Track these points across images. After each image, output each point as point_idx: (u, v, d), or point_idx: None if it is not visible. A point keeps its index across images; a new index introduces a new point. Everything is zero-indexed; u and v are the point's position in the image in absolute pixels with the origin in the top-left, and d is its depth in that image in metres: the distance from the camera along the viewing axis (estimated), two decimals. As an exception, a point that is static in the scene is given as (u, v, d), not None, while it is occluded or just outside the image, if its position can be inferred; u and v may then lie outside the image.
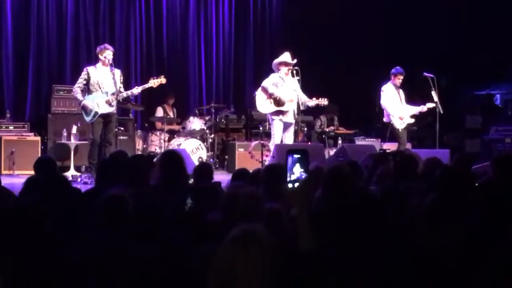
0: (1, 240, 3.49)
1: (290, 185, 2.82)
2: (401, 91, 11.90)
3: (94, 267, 3.37)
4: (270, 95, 10.93)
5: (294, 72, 11.06)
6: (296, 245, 2.72)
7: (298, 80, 11.03)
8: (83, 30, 14.01)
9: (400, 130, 11.67)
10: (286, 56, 11.15)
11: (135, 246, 3.53)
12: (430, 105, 11.88)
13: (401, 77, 11.77)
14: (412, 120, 11.82)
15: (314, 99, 11.14)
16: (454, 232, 3.34)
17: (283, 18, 16.39)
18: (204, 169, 6.32)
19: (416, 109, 11.90)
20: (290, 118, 11.06)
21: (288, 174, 2.83)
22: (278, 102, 10.93)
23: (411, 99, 12.26)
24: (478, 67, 15.14)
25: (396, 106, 11.71)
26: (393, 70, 11.84)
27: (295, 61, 11.09)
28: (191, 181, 6.03)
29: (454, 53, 15.41)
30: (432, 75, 11.84)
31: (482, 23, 15.15)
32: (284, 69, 11.04)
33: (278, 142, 10.82)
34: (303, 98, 11.06)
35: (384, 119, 11.89)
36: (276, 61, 11.21)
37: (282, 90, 10.93)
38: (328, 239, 3.16)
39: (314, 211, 3.02)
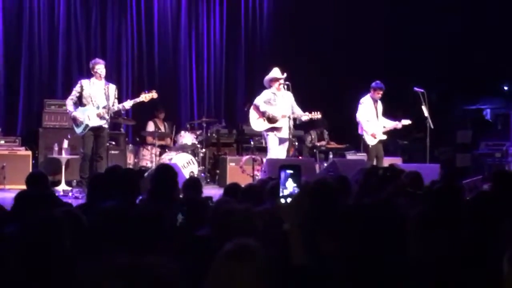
0: None
1: (282, 200, 2.84)
2: (379, 104, 12.00)
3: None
4: (262, 114, 10.99)
5: (285, 87, 11.12)
6: (289, 260, 2.73)
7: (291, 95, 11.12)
8: (74, 44, 14.02)
9: (370, 146, 11.80)
10: (275, 72, 11.22)
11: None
12: (405, 122, 12.05)
13: (381, 92, 11.86)
14: (384, 137, 11.94)
15: (307, 113, 11.20)
16: (444, 245, 3.36)
17: (274, 33, 16.42)
18: (193, 183, 6.34)
19: (392, 125, 12.03)
20: (284, 133, 11.12)
21: (281, 189, 2.84)
22: (271, 120, 10.99)
23: (397, 114, 12.35)
24: (468, 82, 15.20)
25: (371, 122, 11.81)
26: (373, 84, 11.92)
27: (284, 75, 11.15)
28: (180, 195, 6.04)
29: (444, 68, 15.49)
30: (422, 90, 11.91)
31: (472, 37, 15.24)
32: (275, 84, 11.11)
33: (276, 156, 10.85)
34: (298, 112, 11.12)
35: (358, 131, 12.00)
36: (267, 77, 11.29)
37: (274, 107, 10.98)
38: (320, 253, 3.18)
39: (306, 226, 3.03)
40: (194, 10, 15.65)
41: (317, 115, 11.31)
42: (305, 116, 11.20)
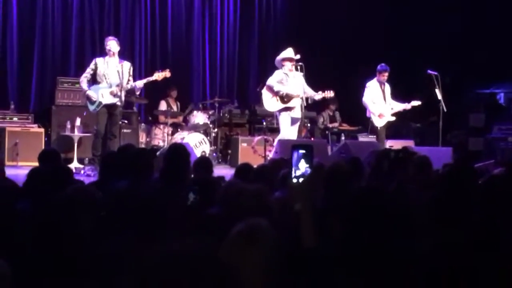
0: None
1: (294, 180, 2.82)
2: (387, 86, 12.00)
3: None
4: (275, 93, 10.95)
5: (299, 67, 11.09)
6: (299, 241, 2.73)
7: (303, 75, 11.06)
8: (88, 22, 14.03)
9: (378, 128, 11.83)
10: (289, 52, 11.16)
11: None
12: (415, 103, 12.02)
13: (386, 74, 11.86)
14: (393, 118, 11.94)
15: (320, 92, 11.16)
16: (457, 230, 3.35)
17: (287, 13, 16.40)
18: (203, 162, 6.33)
19: (401, 106, 12.03)
20: (297, 113, 11.10)
21: (293, 170, 2.83)
22: (285, 99, 10.95)
23: (411, 96, 12.31)
24: (482, 65, 15.11)
25: (378, 104, 11.80)
26: (378, 67, 11.94)
27: (298, 56, 11.10)
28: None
29: (457, 51, 15.40)
30: (436, 73, 11.86)
31: (486, 21, 15.14)
32: (288, 65, 11.07)
33: (288, 136, 10.83)
34: (310, 92, 11.09)
35: (367, 114, 12.02)
36: (279, 57, 11.23)
37: (288, 87, 10.95)
38: (331, 236, 3.18)
39: (318, 207, 3.03)
40: (208, -12, 15.62)
41: (329, 94, 11.27)
42: (318, 95, 11.16)
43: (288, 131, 11.00)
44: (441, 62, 13.52)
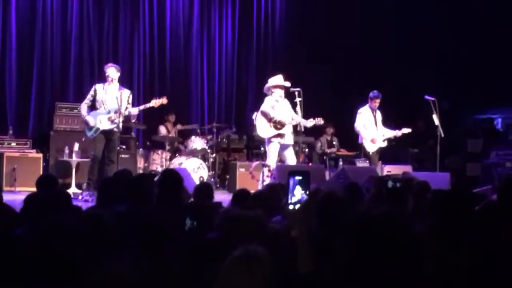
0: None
1: (291, 207, 2.83)
2: (378, 113, 12.13)
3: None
4: (270, 119, 10.97)
5: (296, 93, 11.10)
6: (296, 266, 2.74)
7: (300, 101, 11.07)
8: (86, 48, 14.10)
9: (370, 153, 11.93)
10: (279, 79, 11.19)
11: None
12: (405, 130, 12.10)
13: (378, 101, 12.00)
14: (385, 144, 12.07)
15: (311, 119, 11.17)
16: (455, 254, 3.36)
17: (285, 37, 16.47)
18: (204, 188, 6.34)
19: (391, 133, 12.13)
20: (289, 139, 11.11)
21: (289, 196, 2.84)
22: (278, 126, 10.97)
23: (410, 121, 12.36)
24: (480, 91, 15.15)
25: (370, 129, 11.87)
26: (370, 94, 12.08)
27: (288, 84, 11.14)
28: (191, 200, 6.04)
29: (455, 77, 15.45)
30: (433, 98, 11.91)
31: (484, 47, 15.21)
32: (278, 92, 11.10)
33: (273, 164, 10.85)
34: (298, 119, 11.10)
35: (359, 141, 12.09)
36: (269, 84, 11.23)
37: (279, 113, 10.98)
38: (327, 261, 3.18)
39: (314, 233, 3.04)
40: (206, 14, 15.71)
41: (320, 121, 11.28)
42: (310, 123, 11.16)
43: (274, 160, 11.01)
44: (438, 88, 13.56)
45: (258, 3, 16.30)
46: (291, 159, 11.12)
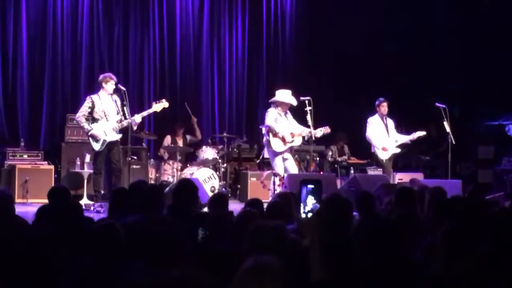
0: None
1: (303, 216, 2.83)
2: (389, 120, 12.08)
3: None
4: (275, 134, 10.98)
5: (306, 102, 11.10)
6: (308, 276, 2.73)
7: (310, 110, 11.06)
8: (97, 59, 14.14)
9: (384, 161, 11.87)
10: (287, 96, 11.17)
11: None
12: (419, 133, 12.02)
13: (384, 105, 11.96)
14: (398, 150, 11.98)
15: (319, 129, 11.16)
16: (468, 262, 3.34)
17: (296, 47, 16.47)
18: (220, 198, 6.31)
19: (406, 138, 12.05)
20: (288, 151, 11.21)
21: (302, 205, 2.84)
22: (284, 140, 11.00)
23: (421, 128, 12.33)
24: (491, 97, 15.12)
25: (381, 137, 11.84)
26: (376, 102, 12.00)
27: (295, 102, 11.16)
28: (205, 209, 6.04)
29: (466, 83, 15.42)
30: (444, 106, 11.88)
31: (495, 53, 15.17)
32: (283, 107, 11.12)
33: (283, 173, 10.83)
34: (306, 130, 11.11)
35: (371, 149, 12.08)
36: (279, 100, 11.20)
37: (283, 127, 11.01)
38: (340, 269, 3.17)
39: (326, 241, 3.03)
40: (216, 24, 15.72)
41: (326, 130, 11.26)
42: (319, 132, 11.15)
43: (282, 168, 11.01)
44: (449, 95, 13.54)
45: (267, 13, 16.30)
46: (293, 168, 11.13)
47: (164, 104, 10.96)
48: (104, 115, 10.56)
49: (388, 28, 15.79)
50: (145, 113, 10.96)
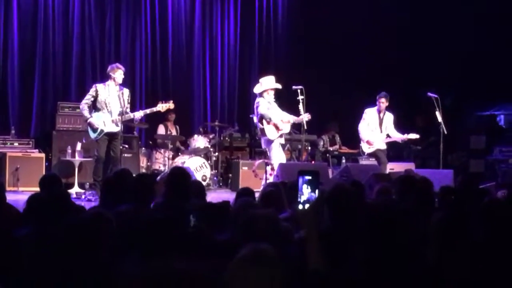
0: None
1: (300, 206, 2.82)
2: (387, 115, 12.02)
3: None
4: (268, 122, 11.01)
5: (298, 91, 11.09)
6: (306, 266, 2.72)
7: (303, 99, 11.06)
8: (88, 47, 14.08)
9: (366, 154, 12.01)
10: (272, 82, 11.23)
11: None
12: (411, 135, 11.97)
13: (382, 101, 11.89)
14: (384, 147, 11.92)
15: (303, 115, 11.15)
16: (461, 250, 3.35)
17: (288, 36, 16.46)
18: (195, 188, 6.24)
19: (398, 137, 12.01)
20: (283, 139, 11.24)
21: (298, 195, 2.83)
22: (277, 127, 11.04)
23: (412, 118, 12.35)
24: (482, 87, 15.14)
25: (371, 131, 11.84)
26: (377, 96, 11.94)
27: (279, 86, 11.20)
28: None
29: (457, 73, 15.43)
30: (436, 95, 11.87)
31: (487, 43, 15.19)
32: (271, 94, 11.18)
33: (277, 162, 10.85)
34: (292, 118, 11.17)
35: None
36: (262, 87, 11.23)
37: (275, 114, 11.06)
38: (337, 259, 3.16)
39: (323, 231, 3.02)
40: (208, 13, 15.69)
41: (308, 117, 11.21)
42: (306, 118, 11.15)
43: (281, 157, 11.07)
44: (441, 85, 13.54)
45: (260, 1, 16.27)
46: (282, 157, 11.22)
47: (170, 105, 10.90)
48: (105, 106, 10.47)
49: (382, 18, 15.78)
50: (148, 111, 10.86)
